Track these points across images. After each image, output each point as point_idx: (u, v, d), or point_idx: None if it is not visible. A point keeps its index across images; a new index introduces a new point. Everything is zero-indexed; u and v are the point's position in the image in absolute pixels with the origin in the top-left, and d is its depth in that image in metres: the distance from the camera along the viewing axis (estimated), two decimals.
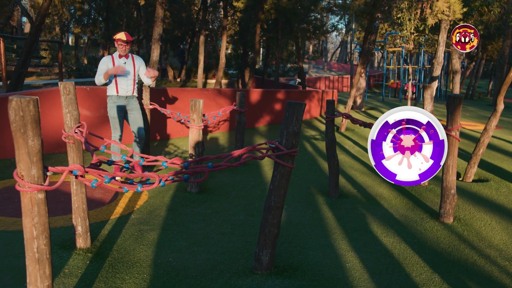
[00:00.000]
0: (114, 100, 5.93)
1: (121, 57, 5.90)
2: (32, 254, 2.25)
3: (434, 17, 7.88)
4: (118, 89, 5.90)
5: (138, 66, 6.05)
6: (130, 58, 6.00)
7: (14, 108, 2.07)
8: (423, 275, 3.53)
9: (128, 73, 5.93)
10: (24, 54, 10.14)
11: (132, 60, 6.00)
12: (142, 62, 6.11)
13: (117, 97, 5.93)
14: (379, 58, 55.37)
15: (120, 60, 5.90)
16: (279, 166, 3.31)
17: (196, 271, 3.46)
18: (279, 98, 13.48)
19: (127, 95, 5.99)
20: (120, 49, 5.80)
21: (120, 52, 5.85)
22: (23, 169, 2.16)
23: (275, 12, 16.04)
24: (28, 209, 2.21)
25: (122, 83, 5.91)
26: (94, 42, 35.84)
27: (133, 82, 6.01)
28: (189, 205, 5.09)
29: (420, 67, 23.44)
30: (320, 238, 4.27)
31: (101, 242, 3.94)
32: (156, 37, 11.24)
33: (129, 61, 5.98)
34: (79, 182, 3.68)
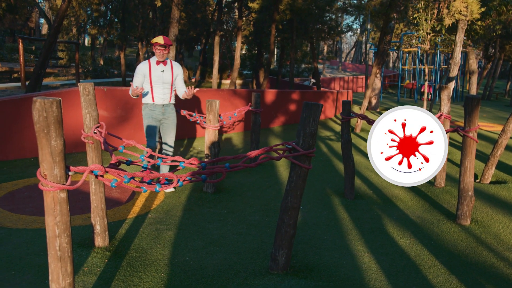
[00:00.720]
0: (150, 108, 5.54)
1: (159, 63, 5.46)
2: (54, 252, 2.30)
3: (451, 17, 7.80)
4: (154, 97, 5.50)
5: (176, 74, 5.63)
6: (169, 64, 5.55)
7: (38, 109, 2.11)
8: (440, 277, 3.51)
9: (166, 81, 5.53)
10: (43, 55, 10.29)
11: (170, 66, 5.56)
12: (181, 70, 5.69)
13: (153, 105, 5.54)
14: (394, 58, 54.96)
15: (157, 67, 5.45)
16: (295, 167, 3.32)
17: (213, 271, 3.49)
18: (294, 99, 13.47)
19: (164, 103, 5.58)
20: (158, 54, 5.36)
21: (158, 58, 5.40)
22: (46, 168, 2.20)
23: (290, 12, 16.04)
24: (51, 208, 2.25)
25: (158, 91, 5.52)
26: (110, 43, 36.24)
27: (170, 90, 5.61)
28: (205, 205, 5.13)
29: (436, 68, 23.22)
30: (336, 239, 4.27)
31: (119, 241, 3.99)
32: (172, 38, 11.33)
33: (167, 68, 5.53)
34: (98, 182, 3.74)
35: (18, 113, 7.01)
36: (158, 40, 5.27)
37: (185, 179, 3.01)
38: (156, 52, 5.37)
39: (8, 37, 32.94)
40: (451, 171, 7.23)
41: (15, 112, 6.98)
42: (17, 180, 5.85)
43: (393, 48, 22.67)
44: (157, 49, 5.35)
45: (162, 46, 5.32)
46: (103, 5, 22.77)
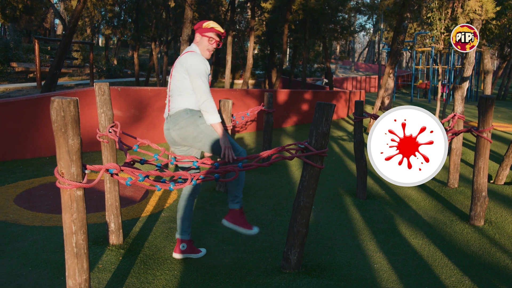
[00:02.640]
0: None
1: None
2: (71, 249, 2.34)
3: (465, 17, 7.74)
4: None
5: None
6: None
7: (56, 108, 2.16)
8: (453, 277, 3.50)
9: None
10: (58, 56, 10.43)
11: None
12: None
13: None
14: (407, 58, 54.56)
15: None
16: (308, 167, 3.34)
17: (225, 269, 3.52)
18: (306, 99, 13.46)
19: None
20: (211, 45, 3.51)
21: (209, 50, 3.53)
22: (63, 167, 2.25)
23: (303, 12, 16.02)
24: (68, 205, 2.30)
25: None
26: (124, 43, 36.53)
27: None
28: (218, 204, 5.17)
29: (450, 67, 23.01)
30: (348, 238, 4.27)
31: (133, 239, 4.04)
32: (185, 38, 11.41)
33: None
34: (113, 180, 3.79)
35: (34, 113, 7.12)
36: (217, 27, 3.52)
37: (198, 178, 3.05)
38: (210, 44, 3.50)
39: (24, 37, 33.39)
40: (464, 172, 7.18)
41: (31, 111, 7.09)
42: (33, 179, 5.95)
43: (407, 48, 22.52)
44: (211, 39, 3.50)
45: (219, 37, 3.56)
46: (117, 5, 22.97)
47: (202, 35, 3.48)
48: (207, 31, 3.46)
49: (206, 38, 3.47)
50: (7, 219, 4.40)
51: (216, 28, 3.47)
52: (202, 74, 3.32)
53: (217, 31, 3.48)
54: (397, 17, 11.55)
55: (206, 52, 3.48)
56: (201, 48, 3.49)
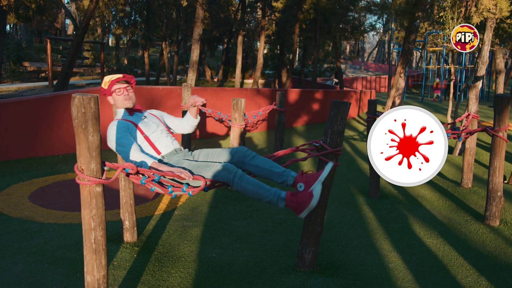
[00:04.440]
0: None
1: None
2: (90, 245, 2.36)
3: (479, 15, 7.68)
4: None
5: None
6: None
7: (76, 105, 2.17)
8: (469, 277, 3.47)
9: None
10: (71, 55, 10.50)
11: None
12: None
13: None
14: (418, 58, 54.22)
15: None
16: (323, 165, 3.33)
17: (239, 267, 3.52)
18: (317, 98, 13.43)
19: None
20: (122, 95, 3.31)
21: (126, 99, 3.34)
22: (83, 163, 2.26)
23: (314, 11, 15.98)
24: (87, 201, 2.32)
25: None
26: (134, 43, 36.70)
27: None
28: (231, 203, 5.17)
29: (461, 67, 22.84)
30: (362, 238, 4.25)
31: (147, 237, 4.06)
32: (196, 38, 11.42)
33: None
34: (128, 178, 3.81)
35: (47, 111, 7.18)
36: (115, 77, 3.33)
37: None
38: (122, 95, 3.31)
39: (35, 37, 33.67)
40: (477, 172, 7.12)
41: (44, 110, 7.14)
42: (47, 176, 5.99)
43: (418, 47, 22.38)
44: (120, 91, 3.31)
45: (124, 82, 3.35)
46: (128, 5, 23.09)
47: (110, 95, 3.32)
48: (109, 88, 3.29)
49: (114, 94, 3.30)
50: (22, 216, 4.44)
51: (112, 79, 3.29)
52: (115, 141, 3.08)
53: (115, 80, 3.28)
54: (409, 16, 11.49)
55: (124, 103, 3.30)
56: (119, 105, 3.32)
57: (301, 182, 2.84)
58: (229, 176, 2.83)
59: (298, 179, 2.88)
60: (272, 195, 2.86)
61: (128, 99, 3.29)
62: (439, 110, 16.83)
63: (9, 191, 5.27)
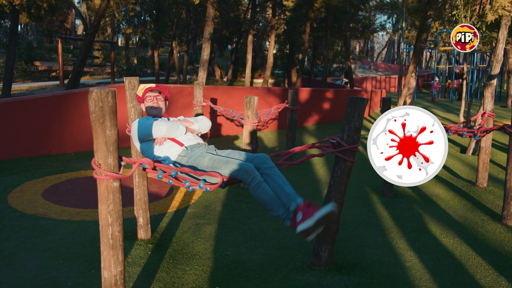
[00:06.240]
0: None
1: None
2: (107, 240, 2.34)
3: (494, 13, 7.57)
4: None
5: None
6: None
7: (94, 99, 2.15)
8: (488, 277, 3.41)
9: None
10: (83, 54, 10.54)
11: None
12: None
13: None
14: (427, 57, 53.85)
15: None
16: (340, 162, 3.29)
17: (254, 265, 3.49)
18: (328, 97, 13.37)
19: None
20: (151, 102, 3.51)
21: (153, 107, 3.54)
22: (101, 158, 2.24)
23: (325, 10, 15.91)
24: (104, 196, 2.30)
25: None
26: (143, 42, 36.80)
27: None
28: (243, 201, 5.14)
29: (473, 67, 22.63)
30: (377, 236, 4.20)
31: (161, 234, 4.04)
32: (207, 36, 11.42)
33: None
34: (142, 175, 3.79)
35: (60, 109, 7.20)
36: (147, 86, 3.55)
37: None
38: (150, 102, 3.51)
39: (45, 38, 33.89)
40: (492, 172, 7.03)
41: (56, 108, 7.17)
42: (60, 174, 6.00)
43: (430, 46, 22.20)
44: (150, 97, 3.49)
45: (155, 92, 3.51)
46: (138, 5, 23.17)
47: (142, 102, 3.50)
48: (143, 96, 3.47)
49: (145, 101, 3.48)
50: (36, 212, 4.44)
51: (146, 87, 3.48)
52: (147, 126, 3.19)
53: (148, 89, 3.47)
54: (422, 14, 11.39)
55: (152, 110, 3.43)
56: (147, 112, 3.47)
57: (301, 211, 2.72)
58: (247, 178, 2.80)
59: (300, 208, 2.75)
60: (282, 212, 2.79)
61: (156, 106, 3.42)
62: (451, 110, 16.68)
63: (23, 188, 5.29)
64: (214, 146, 3.29)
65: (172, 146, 3.12)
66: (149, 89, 3.45)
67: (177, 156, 3.04)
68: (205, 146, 3.21)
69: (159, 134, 3.13)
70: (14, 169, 6.22)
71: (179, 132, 3.17)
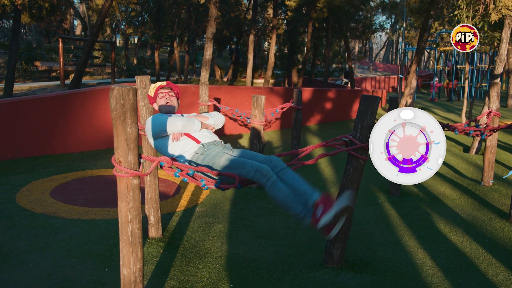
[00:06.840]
0: None
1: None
2: (126, 238, 2.34)
3: (497, 13, 7.60)
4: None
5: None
6: None
7: (115, 96, 2.16)
8: (500, 275, 3.42)
9: None
10: (85, 53, 10.53)
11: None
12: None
13: None
14: (426, 58, 53.92)
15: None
16: (352, 160, 3.30)
17: (266, 263, 3.50)
18: (330, 97, 13.39)
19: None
20: (164, 99, 3.53)
21: (167, 103, 3.55)
22: (121, 155, 2.25)
23: (328, 10, 15.91)
24: (124, 194, 2.30)
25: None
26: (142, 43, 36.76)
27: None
28: (251, 200, 5.15)
29: (473, 67, 22.66)
30: (387, 235, 4.22)
31: (171, 233, 4.05)
32: (209, 36, 11.42)
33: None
34: (153, 173, 3.80)
35: (64, 109, 7.20)
36: (159, 84, 3.55)
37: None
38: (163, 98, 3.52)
39: (43, 38, 33.82)
40: (497, 171, 7.04)
41: (61, 107, 7.16)
42: (66, 173, 6.00)
43: (432, 46, 22.24)
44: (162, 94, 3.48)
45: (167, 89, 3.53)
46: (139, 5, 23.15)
47: (155, 101, 3.47)
48: (155, 94, 3.44)
49: (157, 98, 3.45)
50: (46, 211, 4.44)
51: (157, 85, 3.45)
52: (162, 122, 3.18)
53: (159, 86, 3.44)
54: (424, 14, 11.41)
55: (165, 107, 3.40)
56: (160, 108, 3.43)
57: (321, 204, 2.73)
58: (262, 180, 2.81)
59: (320, 201, 2.77)
60: (301, 209, 2.79)
61: (169, 102, 3.40)
62: (452, 110, 16.70)
63: (30, 187, 5.28)
64: (230, 144, 3.29)
65: (188, 143, 3.13)
66: (161, 87, 3.45)
67: (193, 153, 3.05)
68: (221, 144, 3.22)
69: (175, 130, 3.13)
70: (20, 168, 6.21)
71: (194, 127, 3.18)
